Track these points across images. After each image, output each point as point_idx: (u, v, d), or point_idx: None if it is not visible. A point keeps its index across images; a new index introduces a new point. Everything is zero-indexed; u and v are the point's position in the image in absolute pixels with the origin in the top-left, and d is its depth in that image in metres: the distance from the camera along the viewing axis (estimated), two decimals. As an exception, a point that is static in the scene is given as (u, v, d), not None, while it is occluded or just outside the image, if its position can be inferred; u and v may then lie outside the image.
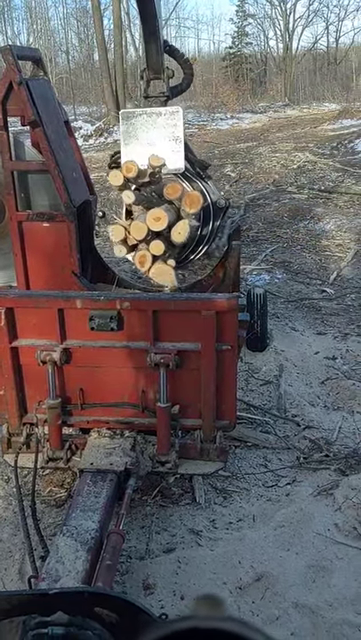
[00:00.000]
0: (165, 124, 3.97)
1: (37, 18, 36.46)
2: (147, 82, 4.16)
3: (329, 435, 3.80)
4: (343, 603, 2.59)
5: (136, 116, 4.00)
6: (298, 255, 7.56)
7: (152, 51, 3.97)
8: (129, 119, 4.01)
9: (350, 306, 5.92)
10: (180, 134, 3.97)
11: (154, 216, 3.76)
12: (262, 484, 3.40)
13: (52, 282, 4.17)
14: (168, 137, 3.97)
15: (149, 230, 3.78)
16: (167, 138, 3.97)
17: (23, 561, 2.81)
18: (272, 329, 5.15)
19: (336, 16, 39.78)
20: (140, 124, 4.00)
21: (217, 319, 2.90)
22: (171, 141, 3.97)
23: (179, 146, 3.96)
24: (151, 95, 4.16)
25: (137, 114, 4.01)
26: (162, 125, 3.97)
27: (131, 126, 4.01)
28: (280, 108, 29.10)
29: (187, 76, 4.39)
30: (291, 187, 11.17)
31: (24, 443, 3.20)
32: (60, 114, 4.66)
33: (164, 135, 3.97)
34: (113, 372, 3.09)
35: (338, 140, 16.03)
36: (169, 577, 2.73)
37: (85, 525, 2.52)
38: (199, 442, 3.10)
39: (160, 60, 4.05)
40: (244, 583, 2.70)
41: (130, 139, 4.03)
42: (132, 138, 4.01)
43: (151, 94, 4.17)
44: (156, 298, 3.13)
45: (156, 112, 3.98)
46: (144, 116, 3.98)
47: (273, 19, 39.36)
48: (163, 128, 3.97)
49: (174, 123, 3.96)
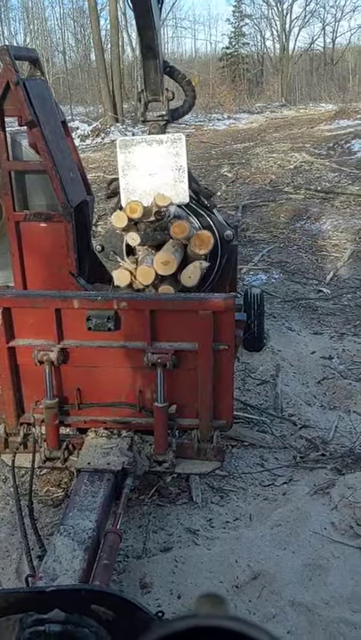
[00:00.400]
0: (167, 152, 3.68)
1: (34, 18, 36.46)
2: (145, 104, 3.85)
3: (325, 434, 3.81)
4: (340, 601, 2.60)
5: (135, 144, 3.70)
6: (294, 255, 7.58)
7: (150, 69, 3.69)
8: (127, 148, 3.70)
9: (347, 306, 5.94)
10: (183, 164, 3.68)
11: (162, 260, 3.52)
12: (259, 483, 3.41)
13: (50, 282, 4.18)
14: (170, 167, 3.69)
15: (157, 275, 3.56)
16: (169, 168, 3.69)
17: (20, 560, 2.82)
18: (269, 329, 5.17)
19: (333, 17, 39.88)
20: (140, 153, 3.69)
21: (214, 319, 2.91)
22: (174, 171, 3.69)
23: (182, 176, 3.69)
24: (149, 119, 3.85)
25: (136, 142, 3.71)
26: (163, 154, 3.68)
27: (129, 155, 3.70)
28: (277, 109, 29.13)
29: (188, 99, 4.11)
30: (287, 187, 11.19)
31: (21, 442, 3.21)
32: (57, 114, 4.66)
33: (166, 165, 3.68)
34: (110, 371, 3.10)
35: (334, 140, 16.05)
36: (166, 576, 2.74)
37: (83, 525, 2.53)
38: (196, 441, 3.11)
39: (159, 80, 3.76)
40: (241, 582, 2.71)
41: (129, 169, 3.72)
42: (131, 168, 3.72)
43: (149, 118, 3.86)
44: (153, 298, 3.14)
45: (156, 140, 3.69)
46: (143, 144, 3.69)
47: (270, 19, 39.46)
48: (164, 157, 3.68)
49: (177, 151, 3.67)
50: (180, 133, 3.78)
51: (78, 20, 36.86)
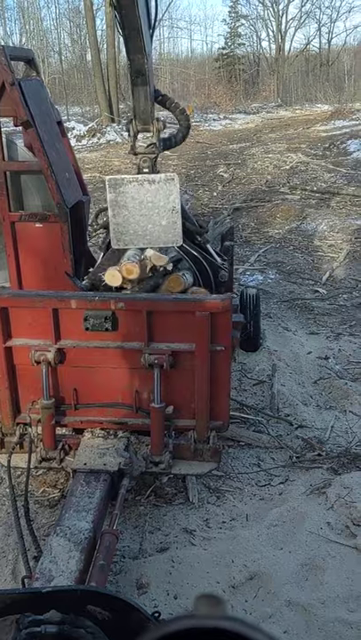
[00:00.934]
0: (159, 193, 3.49)
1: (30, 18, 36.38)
2: (134, 135, 3.63)
3: (322, 434, 3.82)
4: (336, 601, 2.61)
5: (125, 183, 3.50)
6: (290, 255, 7.59)
7: (140, 96, 3.46)
8: (117, 187, 3.50)
9: (343, 306, 5.95)
10: (176, 205, 3.49)
11: None
12: (255, 483, 3.41)
13: (46, 282, 4.17)
14: (163, 208, 3.50)
15: None
16: (162, 209, 3.51)
17: (17, 561, 2.82)
18: (265, 329, 5.17)
19: (328, 17, 39.94)
20: (131, 193, 3.50)
21: (211, 320, 2.91)
22: (166, 213, 3.52)
23: (175, 217, 3.51)
24: (139, 152, 3.64)
25: (126, 181, 3.51)
26: (155, 195, 3.50)
27: (120, 195, 3.51)
28: (273, 109, 29.18)
29: (182, 128, 3.92)
30: (283, 187, 11.21)
31: (17, 443, 3.20)
32: (53, 114, 4.66)
33: (159, 206, 3.51)
34: (107, 372, 3.10)
35: (330, 140, 16.09)
36: (162, 576, 2.74)
37: (79, 526, 2.52)
38: (193, 442, 3.11)
39: (149, 108, 3.54)
40: (238, 582, 2.72)
41: (119, 209, 3.53)
42: (121, 208, 3.52)
43: (139, 151, 3.65)
44: (150, 298, 3.13)
45: (148, 180, 3.49)
46: (135, 183, 3.49)
47: (265, 20, 39.50)
48: (156, 198, 3.50)
49: (169, 192, 3.48)
50: (174, 173, 3.60)
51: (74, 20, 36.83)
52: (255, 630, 0.51)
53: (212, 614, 0.54)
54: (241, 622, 0.52)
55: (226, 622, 0.52)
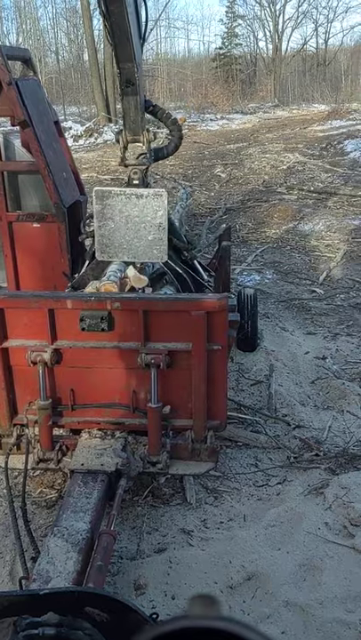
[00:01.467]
0: (147, 208, 3.42)
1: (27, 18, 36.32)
2: (124, 147, 3.55)
3: (319, 434, 3.82)
4: (334, 601, 2.60)
5: (113, 196, 3.43)
6: (288, 255, 7.59)
7: (130, 106, 3.39)
8: (104, 199, 3.42)
9: (340, 306, 5.95)
10: (163, 221, 3.42)
11: None
12: (253, 483, 3.41)
13: (43, 282, 4.17)
14: (149, 223, 3.44)
15: None
16: (148, 224, 3.45)
17: (14, 562, 2.80)
18: (262, 329, 5.17)
19: (325, 18, 39.98)
20: (118, 206, 3.43)
21: (207, 319, 2.91)
22: (153, 228, 3.43)
23: (161, 233, 3.44)
24: (129, 163, 3.57)
25: (114, 194, 3.43)
26: (142, 209, 3.43)
27: (107, 207, 3.44)
28: (270, 109, 29.18)
29: (174, 139, 3.86)
30: (280, 187, 11.21)
31: (14, 444, 3.19)
32: (50, 114, 4.65)
33: (145, 221, 3.45)
34: (104, 372, 3.09)
35: (327, 140, 16.10)
36: (160, 577, 2.73)
37: (76, 526, 2.52)
38: (190, 442, 3.11)
39: (139, 119, 3.46)
40: (235, 582, 2.71)
41: (105, 220, 3.45)
42: (107, 219, 3.45)
43: (129, 162, 3.57)
44: (146, 298, 3.13)
45: (136, 194, 3.41)
46: (122, 197, 3.42)
47: (262, 20, 39.48)
48: (143, 213, 3.44)
49: (157, 208, 3.41)
50: (163, 189, 3.52)
51: (71, 19, 36.78)
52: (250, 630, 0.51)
53: (207, 614, 0.54)
54: (235, 622, 0.51)
55: (220, 622, 0.51)
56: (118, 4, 2.87)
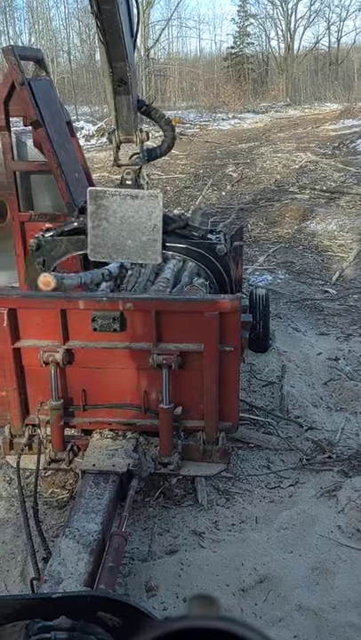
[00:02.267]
0: (142, 209, 3.39)
1: (39, 18, 36.45)
2: (117, 147, 3.53)
3: (332, 436, 3.79)
4: (347, 605, 2.58)
5: (107, 196, 3.41)
6: (300, 255, 7.55)
7: (123, 106, 3.36)
8: (98, 200, 3.40)
9: (353, 306, 5.91)
10: (157, 222, 3.39)
11: None
12: (265, 485, 3.39)
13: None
14: (144, 225, 3.40)
15: None
16: (142, 225, 3.41)
17: (25, 563, 2.80)
18: (274, 329, 5.14)
19: (338, 16, 39.74)
20: (113, 207, 3.40)
21: (220, 320, 2.89)
22: (147, 230, 3.41)
23: (156, 235, 3.41)
24: (122, 164, 3.54)
25: (108, 194, 3.41)
26: (137, 210, 3.40)
27: (101, 208, 3.41)
28: (282, 108, 29.07)
29: (167, 139, 3.81)
30: (293, 187, 11.16)
31: (26, 444, 3.19)
32: (62, 114, 4.66)
33: (139, 222, 3.41)
34: (115, 373, 3.09)
35: (340, 140, 16.01)
36: (171, 579, 2.72)
37: (88, 527, 2.51)
38: (202, 443, 3.09)
39: (132, 118, 3.43)
40: (247, 585, 2.69)
41: (99, 221, 3.43)
42: (101, 220, 3.42)
43: (122, 162, 3.55)
44: (158, 298, 3.12)
45: (131, 195, 3.39)
46: (117, 197, 3.39)
47: (274, 19, 39.32)
48: (138, 214, 3.40)
49: (152, 209, 3.38)
50: (158, 190, 3.52)
51: (83, 19, 36.82)
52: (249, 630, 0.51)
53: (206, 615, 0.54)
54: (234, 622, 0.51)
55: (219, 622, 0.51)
56: (110, 3, 2.84)
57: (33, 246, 3.55)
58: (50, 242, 3.56)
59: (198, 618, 0.53)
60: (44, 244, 3.58)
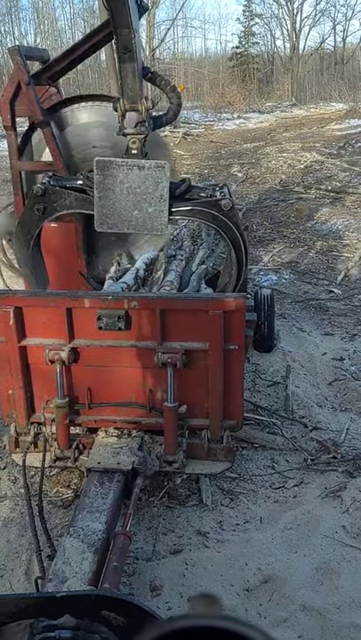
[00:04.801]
0: (148, 179, 3.35)
1: (44, 18, 36.54)
2: (122, 115, 3.45)
3: (337, 436, 3.77)
4: (351, 605, 2.57)
5: (114, 167, 3.36)
6: (305, 255, 7.53)
7: (128, 73, 3.29)
8: (105, 170, 3.35)
9: (358, 306, 5.89)
10: (164, 193, 3.35)
11: None
12: (269, 485, 3.38)
13: (60, 282, 4.17)
14: (150, 195, 3.37)
15: None
16: (149, 196, 3.37)
17: (30, 562, 2.81)
18: (279, 330, 5.13)
19: (343, 15, 39.73)
20: (119, 177, 3.36)
21: (225, 319, 2.89)
22: (153, 200, 3.37)
23: (162, 206, 3.36)
24: (128, 132, 3.46)
25: (115, 164, 3.37)
26: (144, 181, 3.36)
27: (108, 178, 3.36)
28: (287, 108, 29.02)
29: (173, 106, 3.75)
30: (298, 187, 11.13)
31: (32, 442, 3.20)
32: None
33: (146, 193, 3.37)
34: (120, 371, 3.09)
35: (345, 139, 15.96)
36: (176, 578, 2.72)
37: (92, 527, 2.51)
38: (206, 441, 3.09)
39: (137, 86, 3.37)
40: (252, 585, 2.69)
41: (105, 191, 3.38)
42: (108, 191, 3.37)
43: (128, 131, 3.46)
44: (163, 297, 3.12)
45: (138, 165, 3.34)
46: (124, 167, 3.35)
47: (280, 18, 39.27)
48: (145, 184, 3.36)
49: (158, 179, 3.34)
50: (165, 161, 3.40)
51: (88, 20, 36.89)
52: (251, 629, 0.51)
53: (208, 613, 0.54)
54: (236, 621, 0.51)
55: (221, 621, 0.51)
56: None
57: (38, 191, 3.45)
58: (57, 192, 3.49)
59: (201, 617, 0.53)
60: (50, 192, 3.49)
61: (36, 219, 3.51)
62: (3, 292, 3.76)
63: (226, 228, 3.48)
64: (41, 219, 3.51)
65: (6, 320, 3.00)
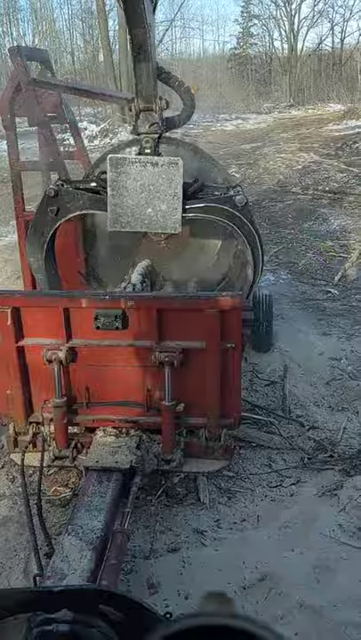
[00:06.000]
0: (162, 176, 3.32)
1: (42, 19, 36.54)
2: (136, 115, 3.44)
3: (333, 435, 3.79)
4: (348, 603, 2.58)
5: (127, 164, 3.34)
6: (302, 256, 7.55)
7: (142, 73, 3.29)
8: (118, 167, 3.33)
9: (355, 306, 5.91)
10: (177, 190, 3.32)
11: None
12: (267, 484, 3.39)
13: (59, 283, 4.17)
14: (164, 192, 3.34)
15: None
16: (163, 193, 3.34)
17: (28, 560, 2.82)
18: (277, 330, 5.15)
19: (341, 17, 39.70)
20: (133, 174, 3.33)
21: (221, 318, 2.90)
22: (167, 197, 3.34)
23: (176, 203, 3.33)
24: (141, 132, 3.44)
25: (129, 162, 3.35)
26: (157, 178, 3.33)
27: (121, 175, 3.34)
28: (285, 109, 29.06)
29: (187, 107, 3.76)
30: (295, 187, 11.16)
31: (30, 442, 3.21)
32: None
33: (160, 190, 3.34)
34: (118, 370, 3.10)
35: (343, 140, 15.99)
36: (173, 576, 2.73)
37: (91, 525, 2.52)
38: (204, 440, 3.11)
39: (152, 86, 3.37)
40: (249, 583, 2.70)
41: (119, 189, 3.36)
42: (121, 188, 3.35)
43: (142, 130, 3.45)
44: (160, 297, 3.13)
45: (151, 162, 3.32)
46: (137, 164, 3.33)
47: (278, 19, 39.23)
48: (158, 182, 3.33)
49: (172, 176, 3.31)
50: (178, 157, 3.38)
51: (87, 20, 36.93)
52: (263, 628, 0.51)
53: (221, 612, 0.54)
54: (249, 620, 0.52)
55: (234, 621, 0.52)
56: None
57: (51, 193, 3.46)
58: (70, 192, 3.49)
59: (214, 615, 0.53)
60: (63, 194, 3.48)
61: (49, 220, 3.52)
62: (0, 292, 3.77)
63: (241, 225, 3.48)
64: (55, 220, 3.52)
65: (4, 320, 3.01)
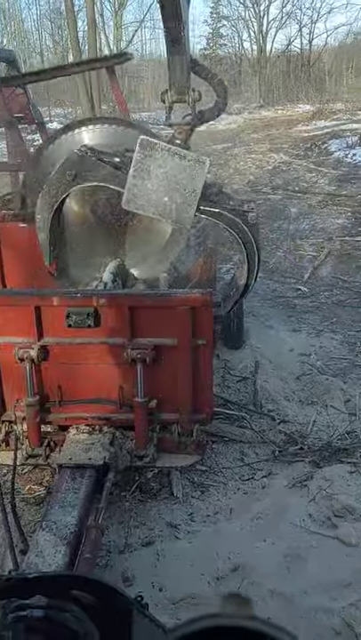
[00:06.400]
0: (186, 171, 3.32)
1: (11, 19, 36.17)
2: (169, 106, 3.48)
3: (304, 428, 3.88)
4: (318, 589, 2.66)
5: (157, 149, 3.35)
6: (273, 255, 7.66)
7: (176, 65, 3.33)
8: (147, 150, 3.33)
9: (324, 303, 6.03)
10: (197, 188, 3.32)
11: None
12: (239, 477, 3.46)
13: (29, 282, 4.18)
14: (184, 186, 3.34)
15: None
16: (182, 187, 3.34)
17: (4, 557, 2.82)
18: (248, 327, 5.23)
19: (309, 18, 40.13)
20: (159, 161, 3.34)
21: (193, 315, 2.95)
22: (186, 192, 3.34)
23: (192, 200, 3.34)
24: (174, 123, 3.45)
25: (159, 147, 3.35)
26: (182, 171, 3.33)
27: (147, 158, 3.32)
28: (255, 110, 29.28)
29: (220, 100, 3.73)
30: (266, 187, 11.29)
31: (3, 440, 3.21)
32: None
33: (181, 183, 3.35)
34: (91, 368, 3.12)
35: (312, 141, 16.22)
36: (148, 569, 2.78)
37: (65, 520, 2.54)
38: (177, 435, 3.15)
39: (185, 78, 3.40)
40: (222, 574, 2.76)
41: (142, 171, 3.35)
42: (144, 171, 3.35)
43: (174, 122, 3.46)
44: (132, 294, 3.16)
45: (180, 154, 3.33)
46: (165, 152, 3.34)
47: (247, 21, 39.57)
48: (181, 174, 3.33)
49: (196, 173, 3.32)
50: (206, 157, 3.40)
51: (55, 21, 36.67)
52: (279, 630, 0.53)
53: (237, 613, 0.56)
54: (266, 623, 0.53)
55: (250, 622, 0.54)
56: None
57: (74, 157, 3.42)
58: (93, 162, 3.50)
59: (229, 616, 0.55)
60: (86, 161, 3.45)
61: (65, 182, 3.48)
62: (-29, 292, 3.76)
63: (245, 240, 3.55)
64: (70, 184, 3.48)
65: (-25, 319, 3.00)
